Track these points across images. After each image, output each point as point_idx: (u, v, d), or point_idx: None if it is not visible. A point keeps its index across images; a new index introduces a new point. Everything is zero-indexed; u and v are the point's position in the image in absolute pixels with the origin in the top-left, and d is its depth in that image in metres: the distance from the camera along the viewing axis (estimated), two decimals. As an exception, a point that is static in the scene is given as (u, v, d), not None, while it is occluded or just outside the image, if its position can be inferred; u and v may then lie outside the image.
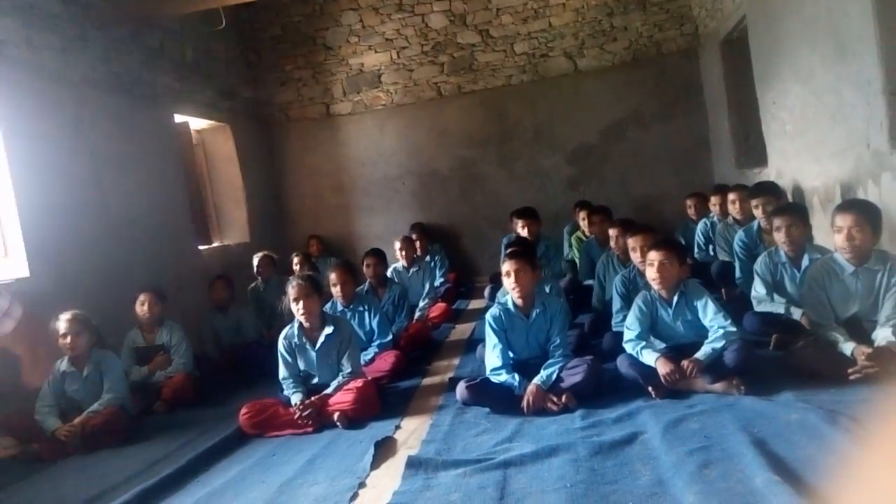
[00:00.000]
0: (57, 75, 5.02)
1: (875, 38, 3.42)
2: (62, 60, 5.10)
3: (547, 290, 4.27)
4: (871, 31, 3.44)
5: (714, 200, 5.78)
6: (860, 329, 3.21)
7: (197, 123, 7.38)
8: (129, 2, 5.80)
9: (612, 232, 4.92)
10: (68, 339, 3.94)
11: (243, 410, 3.63)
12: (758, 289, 3.95)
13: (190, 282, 6.11)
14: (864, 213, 3.14)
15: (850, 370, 2.93)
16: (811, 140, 4.58)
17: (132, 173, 5.70)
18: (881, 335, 3.02)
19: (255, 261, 6.19)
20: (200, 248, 6.86)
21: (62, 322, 3.95)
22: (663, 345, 3.43)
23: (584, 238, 6.35)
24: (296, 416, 3.55)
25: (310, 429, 3.52)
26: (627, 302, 3.90)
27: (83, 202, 5.08)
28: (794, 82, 4.77)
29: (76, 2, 5.31)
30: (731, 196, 5.19)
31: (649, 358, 3.29)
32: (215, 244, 7.45)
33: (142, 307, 4.67)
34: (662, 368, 3.18)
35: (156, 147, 6.14)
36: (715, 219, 5.76)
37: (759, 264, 3.98)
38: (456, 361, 4.67)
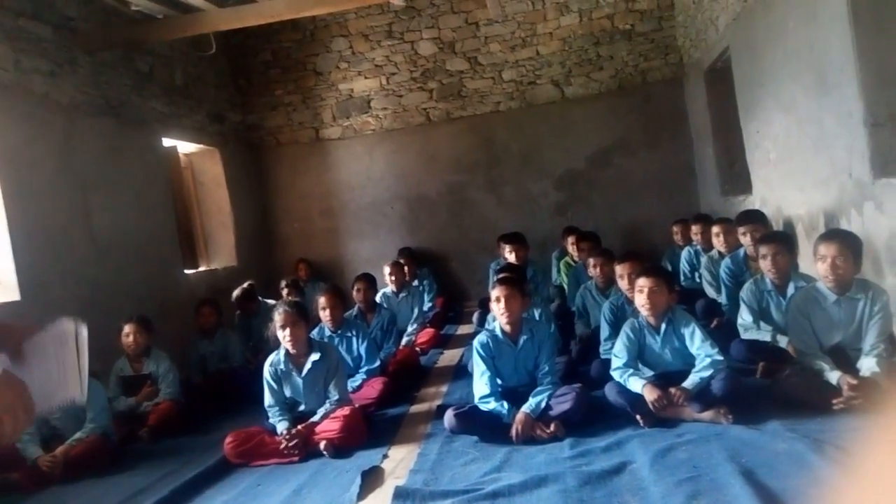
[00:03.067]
0: (45, 99, 5.02)
1: (855, 71, 3.49)
2: (51, 84, 5.10)
3: (537, 315, 4.27)
4: (851, 63, 3.51)
5: (695, 229, 5.84)
6: (845, 357, 3.23)
7: (185, 147, 7.38)
8: (118, 26, 5.83)
9: (591, 261, 4.96)
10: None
11: (228, 439, 3.58)
12: (744, 316, 3.97)
13: (176, 306, 6.06)
14: (847, 243, 3.18)
15: (834, 401, 2.95)
16: (795, 169, 4.65)
17: (120, 197, 5.68)
18: (865, 365, 3.05)
19: (235, 298, 5.97)
20: (187, 271, 6.82)
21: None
22: (651, 373, 3.44)
23: (572, 263, 6.38)
24: (282, 446, 3.51)
25: (296, 458, 3.48)
26: (616, 329, 3.91)
27: (70, 226, 5.06)
28: (777, 112, 4.85)
29: (65, 26, 5.33)
30: (715, 229, 5.18)
31: (636, 385, 3.29)
32: (202, 268, 7.41)
33: (127, 338, 4.59)
34: (649, 395, 3.19)
35: (144, 171, 6.13)
36: (698, 247, 5.81)
37: (746, 292, 4.01)
38: (444, 388, 4.65)
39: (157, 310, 5.58)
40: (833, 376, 3.05)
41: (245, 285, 6.08)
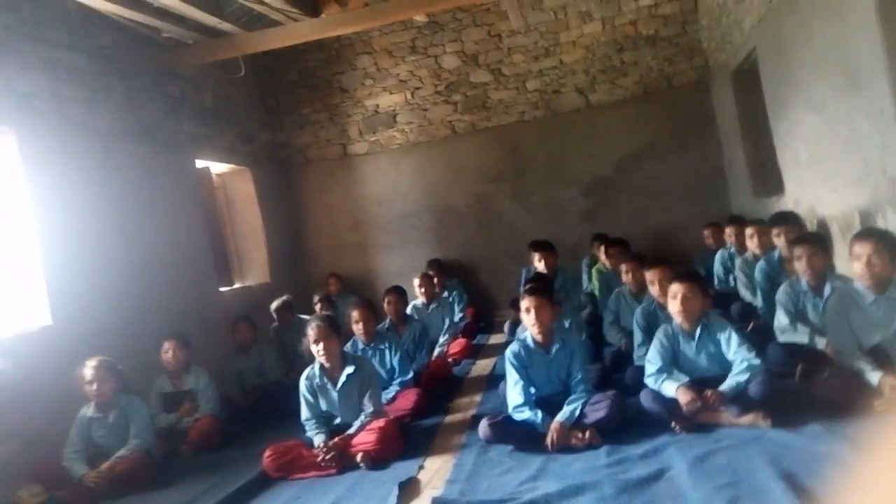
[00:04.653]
0: (83, 125, 5.18)
1: (885, 69, 3.44)
2: (87, 111, 5.27)
3: (566, 325, 4.26)
4: (881, 62, 3.47)
5: (729, 231, 5.77)
6: (885, 358, 3.17)
7: (218, 167, 7.54)
8: (150, 53, 6.00)
9: (623, 267, 4.94)
10: (94, 386, 3.98)
11: (267, 453, 3.65)
12: (781, 318, 3.92)
13: (213, 323, 6.18)
14: (883, 241, 3.14)
15: (876, 402, 2.89)
16: (827, 169, 4.59)
17: (155, 218, 5.83)
18: (907, 365, 2.99)
19: (273, 308, 6.16)
20: (222, 289, 6.94)
21: (88, 368, 4.00)
22: (686, 378, 3.41)
23: (603, 270, 6.34)
24: (319, 458, 3.56)
25: (333, 470, 3.52)
26: (649, 335, 3.88)
27: (108, 249, 5.20)
28: (807, 112, 4.79)
29: (100, 54, 5.50)
30: (749, 231, 5.13)
31: (670, 388, 3.27)
32: (237, 285, 7.54)
33: (166, 355, 4.71)
34: (683, 397, 3.17)
35: (178, 192, 6.28)
36: (732, 249, 5.74)
37: (781, 294, 3.96)
38: (478, 398, 4.66)
39: (195, 327, 5.70)
40: (874, 377, 3.00)
41: (284, 297, 6.24)
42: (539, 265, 5.67)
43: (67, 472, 3.83)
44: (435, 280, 6.70)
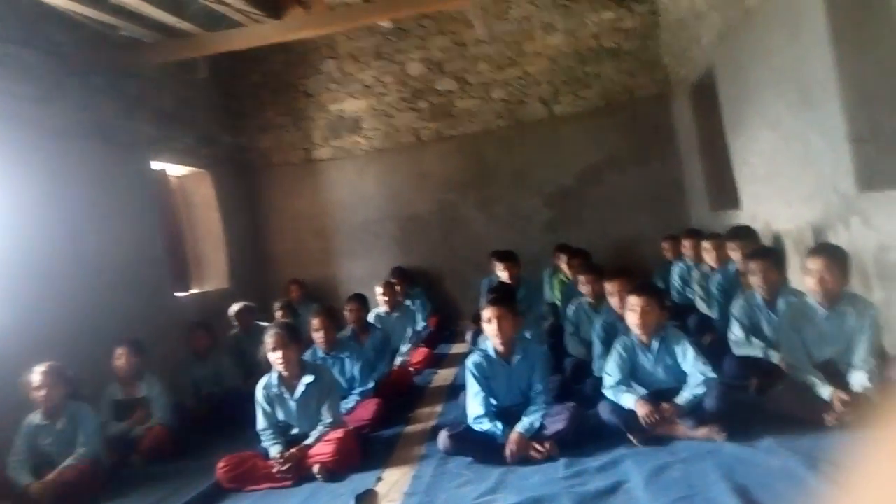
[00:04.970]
0: (35, 124, 5.02)
1: (837, 89, 3.55)
2: (40, 110, 5.10)
3: (528, 335, 4.27)
4: (833, 81, 3.57)
5: (686, 244, 5.86)
6: (836, 371, 3.25)
7: (176, 170, 7.38)
8: (107, 51, 5.85)
9: (582, 278, 4.96)
10: (42, 392, 3.85)
11: (221, 464, 3.56)
12: (735, 332, 3.99)
13: (168, 329, 6.02)
14: (834, 258, 3.21)
15: (826, 416, 2.96)
16: (782, 184, 4.70)
17: (109, 221, 5.67)
18: (856, 380, 3.06)
19: (233, 312, 6.08)
20: (178, 294, 6.79)
21: (36, 374, 3.87)
22: (644, 391, 3.44)
23: (566, 281, 6.39)
24: (275, 469, 3.49)
25: (289, 482, 3.46)
26: (608, 347, 3.90)
27: (58, 251, 5.03)
28: (763, 128, 4.90)
29: (54, 51, 5.34)
30: (706, 245, 5.21)
31: (628, 401, 3.30)
32: (194, 291, 7.38)
33: (119, 361, 4.57)
34: (641, 410, 3.19)
35: (133, 194, 6.12)
36: (689, 262, 5.84)
37: (736, 307, 4.03)
38: (439, 408, 4.64)
39: (149, 333, 5.54)
40: (825, 391, 3.07)
41: (244, 302, 6.19)
42: (503, 275, 5.67)
43: (11, 481, 3.68)
44: (398, 288, 6.66)
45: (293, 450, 3.59)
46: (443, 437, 3.45)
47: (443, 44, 8.20)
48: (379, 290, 6.29)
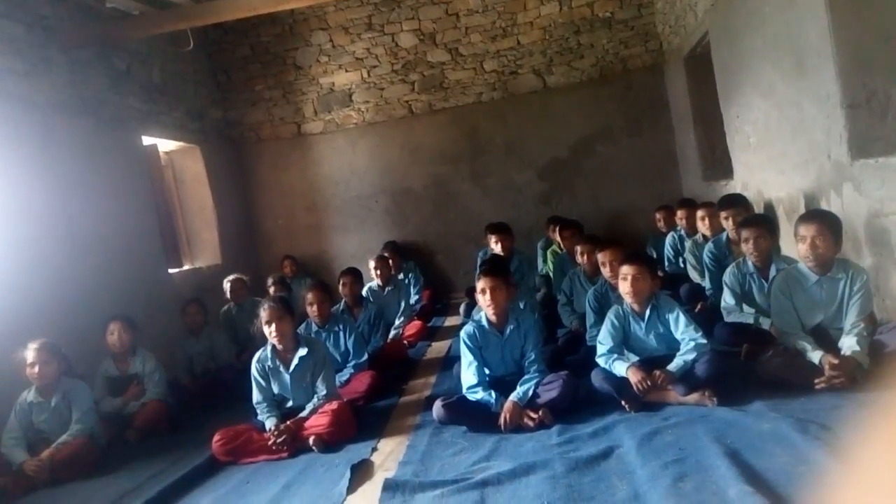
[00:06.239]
0: (21, 99, 4.95)
1: (832, 55, 3.51)
2: (26, 84, 5.03)
3: (521, 306, 4.28)
4: (827, 47, 3.54)
5: (680, 214, 5.87)
6: (827, 336, 3.28)
7: (166, 145, 7.31)
8: (94, 24, 5.75)
9: (579, 248, 4.97)
10: (36, 369, 3.85)
11: (216, 437, 3.57)
12: (727, 299, 4.01)
13: (161, 306, 6.01)
14: (826, 223, 3.22)
15: (816, 380, 2.98)
16: (775, 152, 4.68)
17: (99, 197, 5.62)
18: (846, 344, 3.08)
19: (227, 285, 6.08)
20: (171, 271, 6.76)
21: (30, 351, 3.86)
22: (636, 358, 3.46)
23: (559, 252, 6.39)
24: (270, 442, 3.50)
25: (285, 454, 3.47)
26: (600, 316, 3.92)
27: (49, 228, 4.99)
28: (757, 96, 4.88)
29: (39, 25, 5.25)
30: (700, 213, 5.24)
31: (621, 368, 3.32)
32: (186, 267, 7.35)
33: (112, 337, 4.55)
34: (634, 377, 3.21)
35: (123, 170, 6.07)
36: (682, 232, 5.84)
37: (728, 275, 4.05)
38: (433, 379, 4.66)
39: (142, 310, 5.55)
40: (815, 356, 3.09)
41: (237, 275, 6.19)
42: (496, 248, 5.66)
43: (6, 458, 3.69)
44: (391, 262, 6.64)
45: (289, 422, 3.60)
46: (437, 407, 3.47)
47: (435, 14, 8.09)
48: (372, 264, 6.28)
